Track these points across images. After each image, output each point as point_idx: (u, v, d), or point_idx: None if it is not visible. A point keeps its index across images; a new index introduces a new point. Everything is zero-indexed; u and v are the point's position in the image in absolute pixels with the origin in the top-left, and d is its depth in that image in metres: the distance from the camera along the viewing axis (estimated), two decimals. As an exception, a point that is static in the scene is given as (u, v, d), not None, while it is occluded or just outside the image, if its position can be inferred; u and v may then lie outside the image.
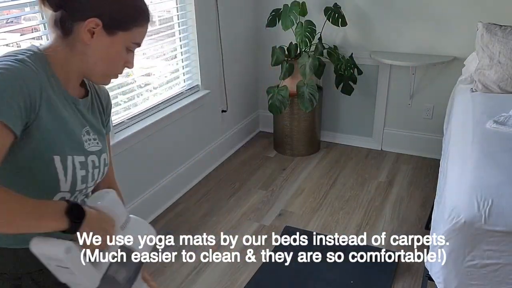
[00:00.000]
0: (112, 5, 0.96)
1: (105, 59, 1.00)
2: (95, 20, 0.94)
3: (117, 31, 0.97)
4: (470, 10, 2.99)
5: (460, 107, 2.39)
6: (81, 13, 0.94)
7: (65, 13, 0.95)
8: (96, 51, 0.98)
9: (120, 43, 0.99)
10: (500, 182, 1.54)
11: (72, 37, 0.96)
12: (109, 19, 0.95)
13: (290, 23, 3.12)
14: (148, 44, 2.65)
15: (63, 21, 0.95)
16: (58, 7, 0.95)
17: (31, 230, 0.86)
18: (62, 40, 0.97)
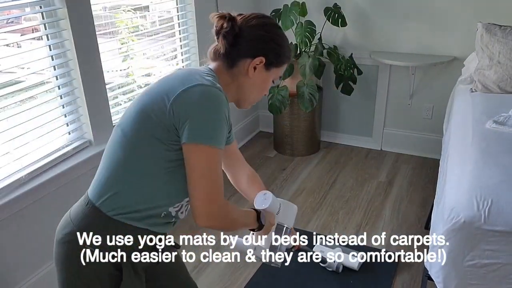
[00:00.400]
0: (275, 47, 1.17)
1: (258, 90, 1.22)
2: (261, 58, 1.14)
3: (273, 67, 1.19)
4: (470, 10, 2.99)
5: (460, 107, 2.39)
6: (250, 52, 1.15)
7: (234, 49, 1.15)
8: (254, 83, 1.19)
9: (272, 77, 1.21)
10: (499, 182, 1.55)
11: (236, 69, 1.16)
12: (271, 58, 1.16)
13: (290, 23, 3.13)
14: (148, 44, 2.65)
15: (230, 55, 1.15)
16: (231, 45, 1.14)
17: (239, 230, 1.22)
18: (226, 71, 1.17)
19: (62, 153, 2.10)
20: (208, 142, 1.04)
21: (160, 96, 1.07)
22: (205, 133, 1.04)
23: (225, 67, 1.17)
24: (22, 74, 1.95)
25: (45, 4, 1.94)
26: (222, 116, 1.07)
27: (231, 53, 1.15)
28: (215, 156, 1.06)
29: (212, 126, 1.05)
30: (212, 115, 1.05)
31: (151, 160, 1.09)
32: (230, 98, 1.20)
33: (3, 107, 1.79)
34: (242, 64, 1.15)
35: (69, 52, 2.06)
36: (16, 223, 1.91)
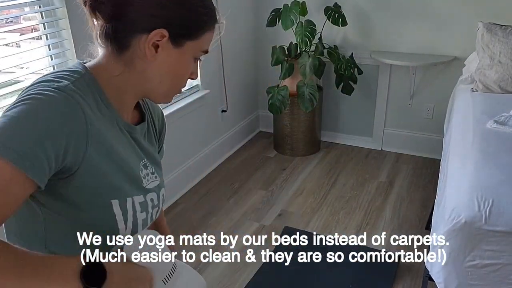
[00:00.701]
0: (178, 10, 0.78)
1: (171, 75, 0.84)
2: (160, 31, 0.77)
3: (186, 40, 0.81)
4: (470, 10, 2.98)
5: (461, 107, 2.39)
6: (142, 24, 0.77)
7: (120, 24, 0.78)
8: (161, 67, 0.82)
9: (188, 54, 0.83)
10: (500, 182, 1.54)
11: (129, 53, 0.80)
12: (176, 28, 0.79)
13: (290, 23, 3.12)
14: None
15: (117, 34, 0.79)
16: (111, 17, 0.78)
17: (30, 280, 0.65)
18: (116, 57, 0.80)
19: (61, 153, 2.09)
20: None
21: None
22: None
23: (114, 52, 0.80)
24: (21, 73, 1.95)
25: (44, 4, 1.93)
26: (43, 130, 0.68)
27: (116, 30, 0.78)
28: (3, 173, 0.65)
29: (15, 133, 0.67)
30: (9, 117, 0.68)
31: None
32: (133, 93, 0.85)
33: (2, 107, 1.79)
34: (135, 44, 0.79)
35: (68, 52, 2.05)
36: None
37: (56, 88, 0.72)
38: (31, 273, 0.65)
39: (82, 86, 0.76)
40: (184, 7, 0.79)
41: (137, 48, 0.79)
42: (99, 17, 0.80)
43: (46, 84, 0.73)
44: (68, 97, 0.72)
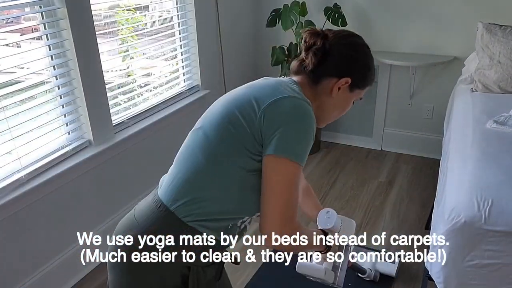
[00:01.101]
0: (362, 69, 1.14)
1: (339, 110, 1.19)
2: (347, 79, 1.10)
3: (357, 88, 1.15)
4: (470, 10, 2.98)
5: (460, 107, 2.39)
6: (337, 72, 1.10)
7: (321, 67, 1.10)
8: (336, 102, 1.15)
9: (354, 97, 1.18)
10: (500, 182, 1.54)
11: (320, 87, 1.12)
12: (357, 80, 1.12)
13: (290, 23, 3.12)
14: (148, 44, 2.65)
15: (316, 73, 1.10)
16: (319, 62, 1.09)
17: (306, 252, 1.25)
18: (310, 87, 1.12)
19: (61, 153, 2.10)
20: (294, 158, 0.98)
21: (249, 102, 1.04)
22: (293, 148, 0.99)
23: (309, 83, 1.12)
24: (21, 74, 1.95)
25: (44, 4, 1.93)
26: (311, 134, 1.02)
27: (318, 71, 1.10)
28: (297, 174, 1.00)
29: (301, 142, 1.00)
30: (302, 131, 1.01)
31: (233, 168, 1.03)
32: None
33: (2, 107, 1.79)
34: (326, 82, 1.11)
35: (68, 52, 2.05)
36: (16, 223, 1.90)
37: (308, 104, 1.05)
38: (310, 244, 1.14)
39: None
40: (367, 67, 1.15)
41: (325, 86, 1.11)
42: (311, 58, 1.09)
43: (307, 114, 1.03)
44: (311, 109, 1.05)
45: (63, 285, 2.18)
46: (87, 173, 2.23)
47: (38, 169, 1.98)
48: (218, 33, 3.17)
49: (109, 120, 2.32)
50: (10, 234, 1.89)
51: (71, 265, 2.19)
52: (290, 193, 0.99)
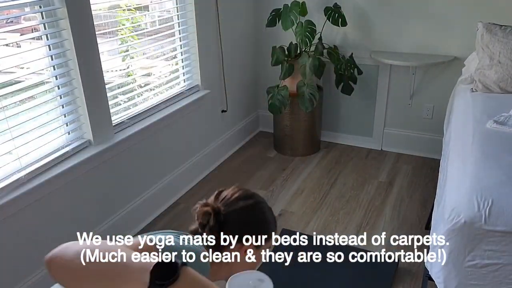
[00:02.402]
0: (262, 227, 1.21)
1: (251, 265, 1.21)
2: (251, 241, 1.15)
3: (265, 243, 1.21)
4: (470, 10, 2.98)
5: (460, 107, 2.39)
6: (239, 238, 1.15)
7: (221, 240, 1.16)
8: (245, 263, 1.19)
9: (262, 250, 1.22)
10: (500, 182, 1.54)
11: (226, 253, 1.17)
12: (261, 238, 1.17)
13: (290, 23, 3.12)
14: (148, 44, 2.65)
15: (219, 246, 1.18)
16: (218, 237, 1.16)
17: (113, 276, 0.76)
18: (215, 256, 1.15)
19: (61, 153, 2.10)
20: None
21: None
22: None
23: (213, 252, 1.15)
24: (21, 74, 1.95)
25: (44, 4, 1.93)
26: None
27: (219, 244, 1.16)
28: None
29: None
30: None
31: None
32: (222, 277, 1.19)
33: (2, 107, 1.79)
34: (232, 250, 1.16)
35: (68, 52, 2.05)
36: (16, 223, 1.90)
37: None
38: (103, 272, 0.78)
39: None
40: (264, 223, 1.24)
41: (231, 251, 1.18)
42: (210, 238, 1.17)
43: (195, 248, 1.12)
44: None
45: (63, 285, 2.18)
46: (87, 173, 2.23)
47: (38, 169, 1.98)
48: (218, 33, 3.18)
49: (109, 120, 2.32)
50: (10, 234, 1.89)
51: (71, 265, 2.19)
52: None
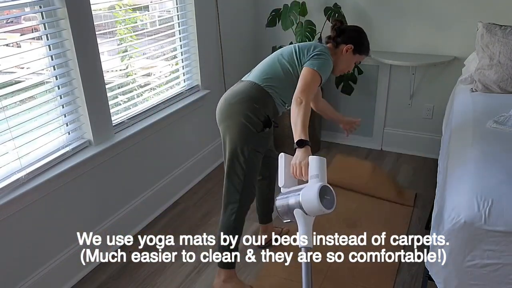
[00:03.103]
0: (360, 42, 2.01)
1: (346, 64, 2.04)
2: (351, 46, 1.98)
3: (357, 54, 2.02)
4: (470, 10, 2.99)
5: (460, 107, 2.39)
6: (346, 41, 1.99)
7: (338, 38, 2.00)
8: (344, 59, 2.01)
9: (355, 59, 2.04)
10: (500, 182, 1.54)
11: (338, 49, 2.00)
12: (358, 48, 2.00)
13: (290, 23, 3.12)
14: (148, 44, 2.65)
15: (336, 40, 2.00)
16: (337, 35, 2.00)
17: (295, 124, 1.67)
18: (332, 48, 2.00)
19: (61, 153, 2.10)
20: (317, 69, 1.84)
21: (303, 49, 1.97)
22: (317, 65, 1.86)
23: (332, 46, 2.01)
24: (21, 74, 1.95)
25: (44, 4, 1.93)
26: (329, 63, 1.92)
27: (336, 39, 2.00)
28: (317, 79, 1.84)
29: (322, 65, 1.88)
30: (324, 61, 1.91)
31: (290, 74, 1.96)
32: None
33: (2, 107, 1.79)
34: (341, 47, 1.99)
35: (68, 52, 2.05)
36: (16, 223, 1.90)
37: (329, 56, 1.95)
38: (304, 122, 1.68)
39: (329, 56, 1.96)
40: (362, 42, 2.03)
41: (340, 48, 2.00)
42: (333, 32, 2.02)
43: (327, 53, 1.93)
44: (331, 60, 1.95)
45: (63, 285, 2.18)
46: (87, 173, 2.23)
47: (38, 169, 1.98)
48: (218, 33, 3.18)
49: (109, 120, 2.32)
50: (10, 234, 1.89)
51: (71, 265, 2.19)
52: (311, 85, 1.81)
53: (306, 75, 1.82)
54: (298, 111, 1.69)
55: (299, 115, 1.68)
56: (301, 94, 1.74)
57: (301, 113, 1.68)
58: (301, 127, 1.65)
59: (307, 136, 1.63)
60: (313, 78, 1.82)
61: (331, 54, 1.94)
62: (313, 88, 1.81)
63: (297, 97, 1.74)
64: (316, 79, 1.82)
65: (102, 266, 2.33)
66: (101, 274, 2.28)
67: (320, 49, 1.91)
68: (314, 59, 1.87)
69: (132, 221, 2.59)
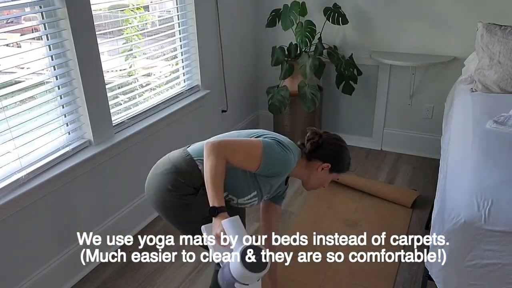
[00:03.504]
0: (339, 162, 1.68)
1: (319, 182, 1.71)
2: (328, 165, 1.65)
3: (334, 172, 1.68)
4: (470, 10, 2.99)
5: (460, 107, 2.39)
6: (322, 159, 1.65)
7: (314, 153, 1.65)
8: (318, 177, 1.69)
9: (331, 177, 1.71)
10: (500, 182, 1.54)
11: (311, 164, 1.66)
12: (336, 168, 1.67)
13: (290, 23, 3.12)
14: (148, 44, 2.65)
15: (310, 155, 1.65)
16: (313, 150, 1.65)
17: (207, 184, 1.39)
18: (304, 161, 1.66)
19: (61, 153, 2.10)
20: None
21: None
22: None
23: (305, 159, 1.67)
24: (21, 74, 1.95)
25: (45, 4, 1.93)
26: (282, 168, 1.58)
27: (311, 154, 1.66)
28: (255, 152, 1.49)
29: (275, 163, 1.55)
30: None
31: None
32: (299, 176, 1.71)
33: (2, 107, 1.79)
34: (315, 163, 1.66)
35: (68, 52, 2.05)
36: (16, 223, 1.90)
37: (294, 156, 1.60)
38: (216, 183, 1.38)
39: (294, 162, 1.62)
40: (342, 161, 1.69)
41: (314, 164, 1.66)
42: (308, 146, 1.66)
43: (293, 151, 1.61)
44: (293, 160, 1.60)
45: (63, 285, 2.18)
46: (87, 173, 2.23)
47: (38, 169, 1.98)
48: (218, 33, 3.18)
49: (109, 120, 2.32)
50: (10, 234, 1.89)
51: (71, 265, 2.19)
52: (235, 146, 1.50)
53: (247, 139, 1.53)
54: (208, 165, 1.40)
55: (208, 172, 1.39)
56: (219, 142, 1.43)
57: (211, 168, 1.39)
58: (211, 188, 1.37)
59: (220, 200, 1.36)
60: (250, 143, 1.50)
61: (301, 166, 1.65)
62: (239, 150, 1.47)
63: (210, 144, 1.42)
64: (252, 147, 1.49)
65: (102, 266, 2.33)
66: (101, 274, 2.28)
67: (286, 143, 1.58)
68: (273, 139, 1.55)
69: (132, 221, 2.59)
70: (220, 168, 1.39)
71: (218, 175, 1.39)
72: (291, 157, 1.55)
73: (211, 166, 1.39)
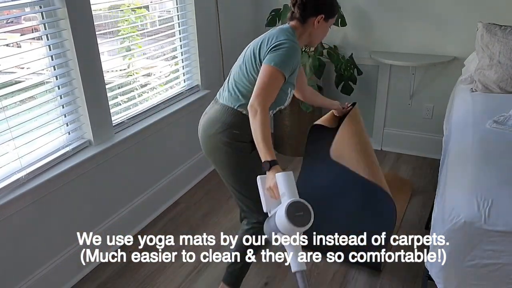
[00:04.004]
0: (328, 6, 1.75)
1: (321, 35, 1.83)
2: (321, 15, 1.72)
3: (329, 19, 1.76)
4: (470, 10, 2.99)
5: (460, 107, 2.39)
6: (314, 13, 1.72)
7: (304, 13, 1.72)
8: (318, 32, 1.78)
9: (330, 24, 1.80)
10: (500, 182, 1.54)
11: (306, 24, 1.74)
12: (328, 13, 1.74)
13: (290, 23, 3.12)
14: (148, 44, 2.65)
15: (302, 17, 1.72)
16: (303, 10, 1.71)
17: (257, 142, 1.50)
18: (300, 26, 1.74)
19: (61, 153, 2.10)
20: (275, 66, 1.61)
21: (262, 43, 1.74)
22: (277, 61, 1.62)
23: (299, 24, 1.75)
24: (21, 74, 1.95)
25: (44, 4, 1.93)
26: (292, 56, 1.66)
27: (302, 15, 1.73)
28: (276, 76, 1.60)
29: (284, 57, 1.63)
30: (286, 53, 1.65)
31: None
32: (303, 42, 1.80)
33: (2, 107, 1.79)
34: (310, 20, 1.73)
35: (68, 52, 2.05)
36: (16, 223, 1.90)
37: (294, 42, 1.69)
38: (266, 140, 1.49)
39: (295, 38, 1.72)
40: (332, 6, 1.76)
41: (309, 23, 1.74)
42: (296, 9, 1.73)
43: (291, 40, 1.68)
44: (296, 44, 1.70)
45: (63, 285, 2.18)
46: (87, 173, 2.23)
47: (38, 169, 1.98)
48: (218, 33, 3.18)
49: (109, 120, 2.32)
50: (10, 234, 1.89)
51: (71, 265, 2.19)
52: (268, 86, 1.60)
53: (263, 76, 1.59)
54: (255, 126, 1.51)
55: (257, 131, 1.50)
56: (256, 100, 1.53)
57: (258, 127, 1.50)
58: (262, 145, 1.48)
59: (272, 154, 1.47)
60: (271, 77, 1.59)
61: (299, 34, 1.74)
62: (271, 90, 1.59)
63: (251, 106, 1.54)
64: (275, 78, 1.59)
65: (102, 266, 2.33)
66: (101, 274, 2.28)
67: (279, 40, 1.65)
68: (272, 52, 1.63)
69: (132, 221, 2.59)
70: (267, 124, 1.51)
71: (266, 131, 1.50)
72: (292, 44, 1.66)
73: (257, 125, 1.50)
